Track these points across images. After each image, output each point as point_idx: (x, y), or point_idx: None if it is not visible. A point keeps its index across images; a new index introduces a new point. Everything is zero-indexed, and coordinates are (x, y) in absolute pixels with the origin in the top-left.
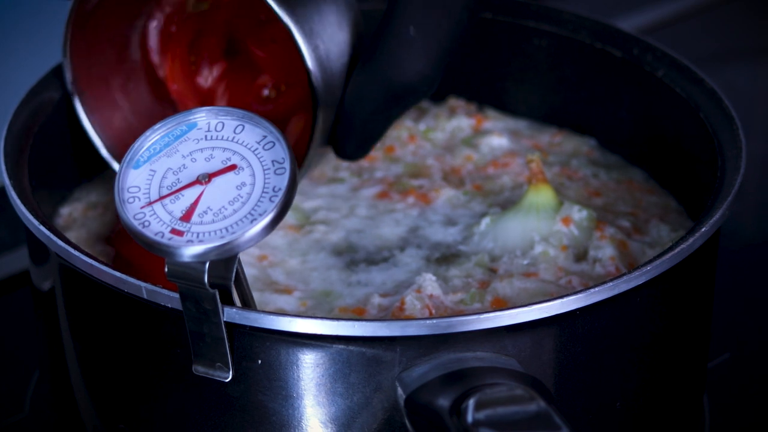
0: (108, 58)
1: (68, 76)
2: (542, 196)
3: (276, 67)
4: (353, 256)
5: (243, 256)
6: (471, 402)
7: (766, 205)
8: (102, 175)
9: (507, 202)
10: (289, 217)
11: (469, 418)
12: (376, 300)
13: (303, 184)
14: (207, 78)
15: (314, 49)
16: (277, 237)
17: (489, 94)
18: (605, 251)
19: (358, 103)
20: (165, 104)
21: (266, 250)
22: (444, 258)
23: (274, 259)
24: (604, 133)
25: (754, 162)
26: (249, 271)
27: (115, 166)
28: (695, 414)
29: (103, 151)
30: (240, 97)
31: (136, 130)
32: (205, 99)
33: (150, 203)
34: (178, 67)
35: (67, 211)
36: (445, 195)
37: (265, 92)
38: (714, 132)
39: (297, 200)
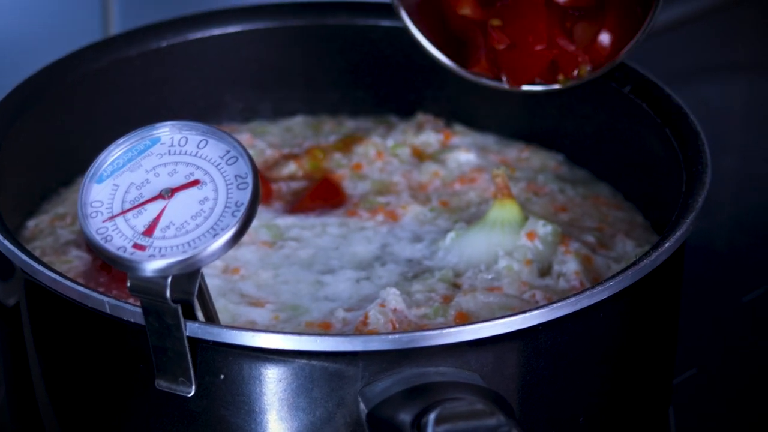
0: None
1: None
2: (507, 211)
3: None
4: (323, 272)
5: (212, 270)
6: (431, 416)
7: (736, 220)
8: (69, 188)
9: (473, 218)
10: (263, 234)
11: None
12: (341, 314)
13: (273, 202)
14: None
15: None
16: (249, 252)
17: (457, 110)
18: (569, 266)
19: None
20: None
21: (238, 263)
22: (411, 273)
23: (246, 272)
24: (571, 148)
25: (725, 177)
26: (219, 285)
27: (447, 62)
28: (661, 428)
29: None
30: None
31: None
32: None
33: (112, 217)
34: None
35: (34, 223)
36: (412, 212)
37: None
38: (680, 147)
39: (270, 217)
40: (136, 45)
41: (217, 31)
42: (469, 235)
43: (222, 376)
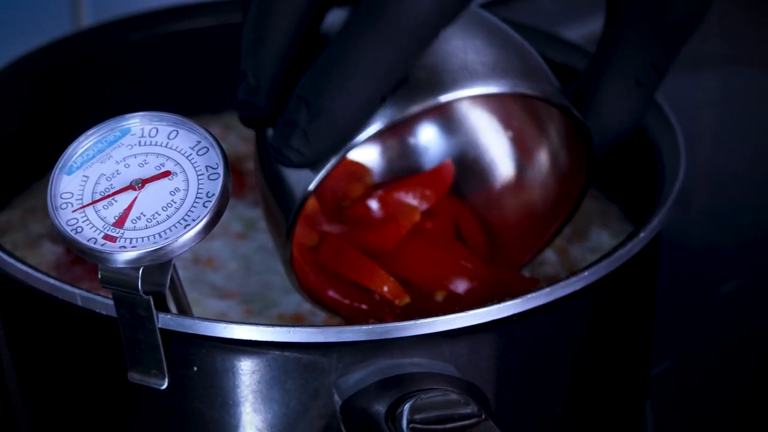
0: None
1: None
2: None
3: None
4: None
5: (182, 262)
6: (406, 407)
7: (711, 213)
8: (40, 182)
9: None
10: (235, 225)
11: (404, 423)
12: (310, 308)
13: (246, 194)
14: None
15: None
16: (221, 243)
17: None
18: (545, 256)
19: None
20: None
21: (209, 255)
22: None
23: (217, 264)
24: None
25: (700, 170)
26: (190, 276)
27: None
28: (638, 420)
29: None
30: None
31: None
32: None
33: (82, 206)
34: None
35: (5, 218)
36: None
37: None
38: (654, 139)
39: (242, 209)
40: (107, 38)
41: (189, 25)
42: None
43: (195, 369)
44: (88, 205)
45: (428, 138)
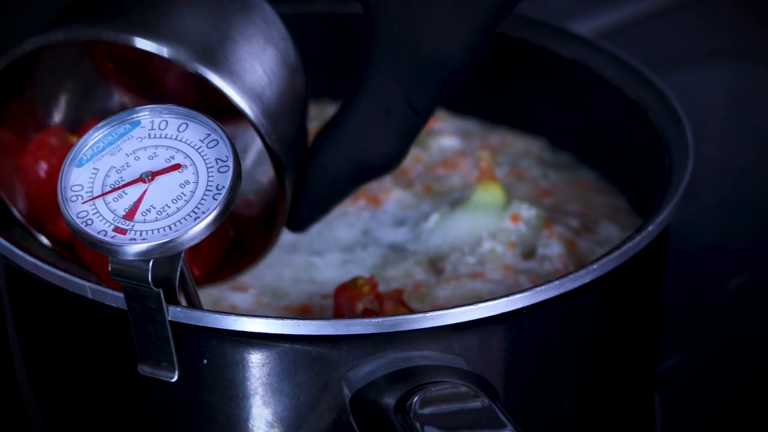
0: None
1: None
2: (491, 193)
3: None
4: (307, 256)
5: None
6: (416, 399)
7: (718, 207)
8: None
9: (456, 203)
10: None
11: (414, 415)
12: (321, 299)
13: None
14: None
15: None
16: None
17: None
18: (553, 249)
19: (323, 184)
20: None
21: None
22: (391, 257)
23: None
24: (554, 133)
25: (707, 165)
26: None
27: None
28: (646, 413)
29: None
30: None
31: None
32: None
33: (92, 198)
34: None
35: None
36: (395, 196)
37: None
38: (662, 132)
39: None
40: None
41: None
42: (453, 217)
43: (205, 361)
44: (98, 196)
45: None
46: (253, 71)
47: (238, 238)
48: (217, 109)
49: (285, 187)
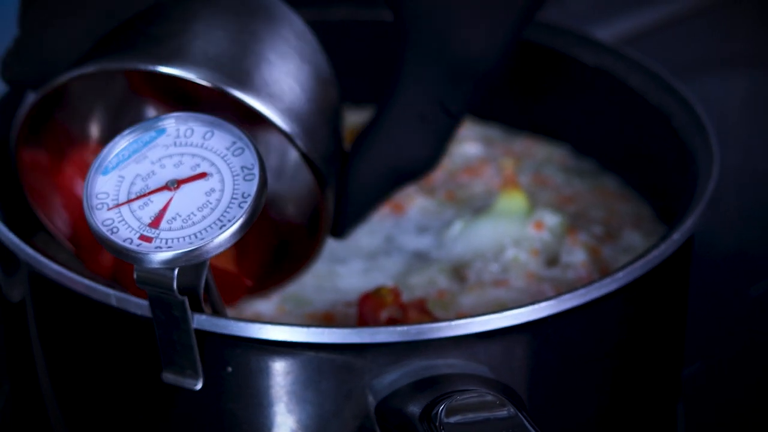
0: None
1: None
2: (514, 201)
3: None
4: (330, 264)
5: None
6: (441, 408)
7: (742, 215)
8: None
9: (479, 210)
10: None
11: (440, 424)
12: (345, 306)
13: None
14: None
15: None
16: None
17: None
18: (577, 256)
19: (362, 191)
20: None
21: None
22: (415, 265)
23: None
24: (577, 140)
25: (729, 173)
26: None
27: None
28: (669, 422)
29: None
30: None
31: None
32: None
33: (117, 205)
34: None
35: None
36: (418, 204)
37: None
38: (686, 140)
39: None
40: None
41: None
42: (476, 224)
43: (229, 369)
44: (123, 203)
45: None
46: (291, 91)
47: (285, 247)
48: (248, 114)
49: (327, 197)
